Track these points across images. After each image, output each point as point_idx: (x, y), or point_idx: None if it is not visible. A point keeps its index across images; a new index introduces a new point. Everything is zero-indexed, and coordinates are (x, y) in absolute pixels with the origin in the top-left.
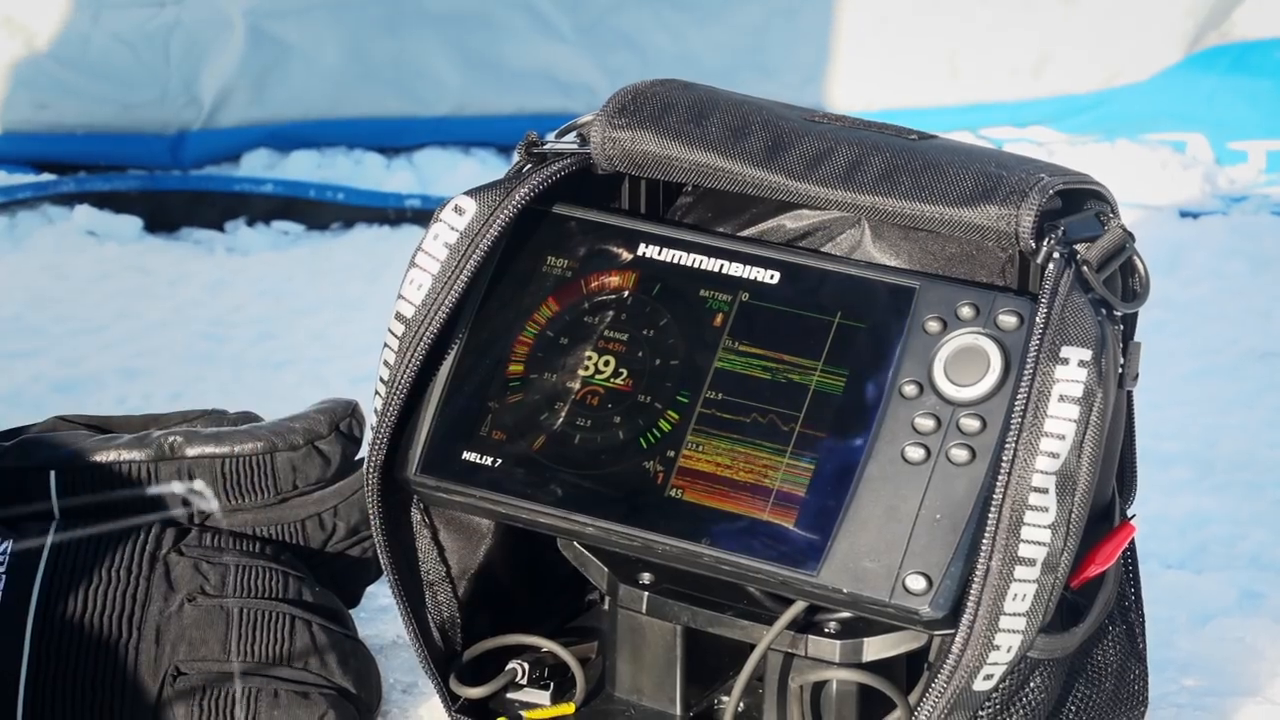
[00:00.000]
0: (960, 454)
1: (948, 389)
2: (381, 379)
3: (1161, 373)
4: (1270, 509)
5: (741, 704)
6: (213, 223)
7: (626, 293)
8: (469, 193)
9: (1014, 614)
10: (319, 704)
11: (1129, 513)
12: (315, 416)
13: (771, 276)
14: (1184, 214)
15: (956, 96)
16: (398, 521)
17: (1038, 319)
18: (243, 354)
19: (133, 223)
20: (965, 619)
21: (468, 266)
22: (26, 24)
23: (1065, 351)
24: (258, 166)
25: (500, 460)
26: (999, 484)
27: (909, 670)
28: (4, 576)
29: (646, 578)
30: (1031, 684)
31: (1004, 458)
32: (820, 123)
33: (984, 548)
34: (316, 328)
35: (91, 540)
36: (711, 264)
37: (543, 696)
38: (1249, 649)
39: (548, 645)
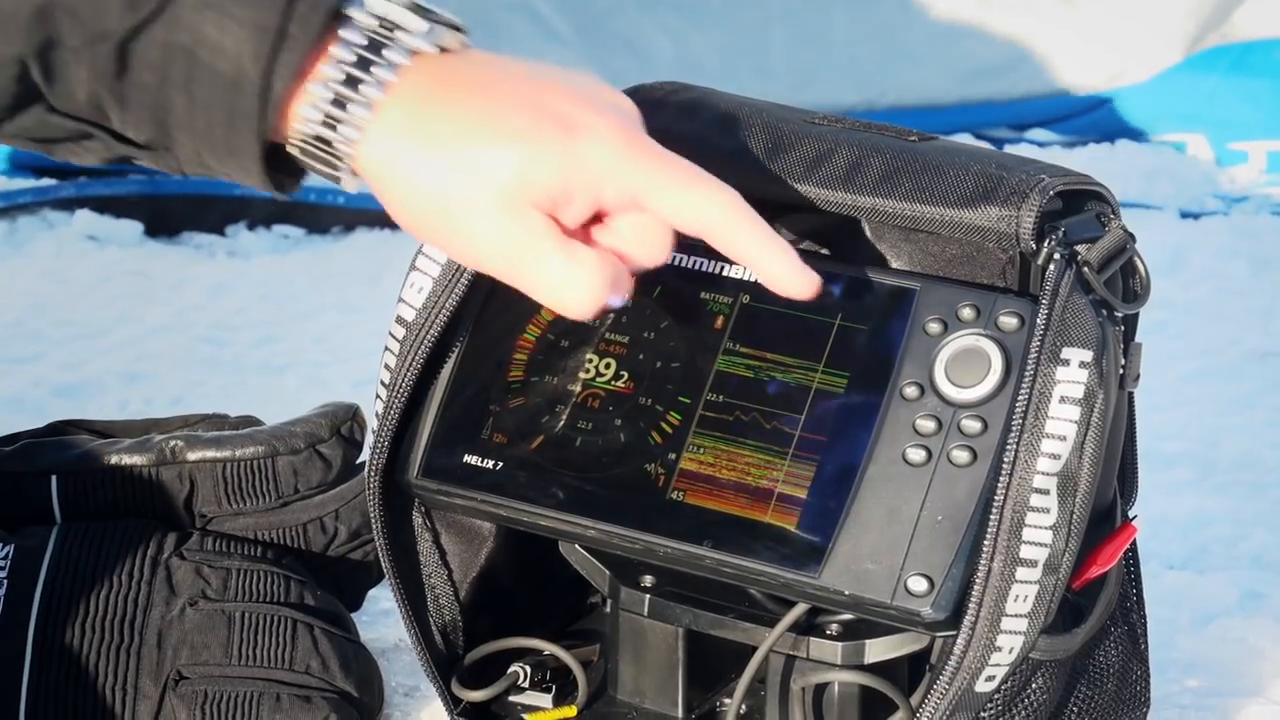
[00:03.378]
0: (961, 455)
1: (949, 390)
2: (382, 382)
3: (1162, 373)
4: (1272, 509)
5: (744, 706)
6: (213, 227)
7: None
8: None
9: (1016, 615)
10: (321, 708)
11: (1130, 513)
12: (316, 420)
13: None
14: (1184, 214)
15: (956, 97)
16: (399, 525)
17: (1038, 320)
18: (243, 358)
19: (133, 227)
20: (967, 620)
21: (468, 269)
22: None
23: (1066, 353)
24: None
25: (502, 463)
26: (1000, 485)
27: (911, 672)
28: (5, 581)
29: (648, 580)
30: (1033, 685)
31: (1005, 459)
32: (820, 124)
33: (985, 549)
34: (317, 331)
35: (93, 545)
36: (712, 266)
37: (545, 699)
38: (1251, 649)
39: (550, 648)
